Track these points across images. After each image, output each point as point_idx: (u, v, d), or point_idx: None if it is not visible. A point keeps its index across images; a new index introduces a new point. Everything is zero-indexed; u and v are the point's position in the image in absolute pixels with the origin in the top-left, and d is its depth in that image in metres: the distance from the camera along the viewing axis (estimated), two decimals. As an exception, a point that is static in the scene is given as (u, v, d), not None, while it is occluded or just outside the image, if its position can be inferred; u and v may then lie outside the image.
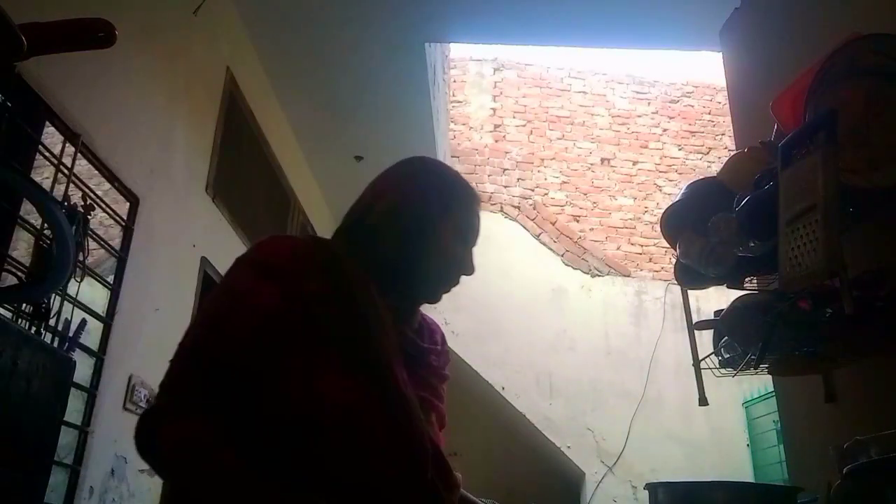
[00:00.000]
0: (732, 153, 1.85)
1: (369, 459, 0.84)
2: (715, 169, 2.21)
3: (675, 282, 1.90)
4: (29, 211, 1.75)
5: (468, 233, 1.05)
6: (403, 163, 1.10)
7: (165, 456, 0.82)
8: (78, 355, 1.94)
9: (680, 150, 7.19)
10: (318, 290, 0.89)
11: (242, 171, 3.52)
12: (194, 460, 0.80)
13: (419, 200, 1.03)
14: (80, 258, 1.90)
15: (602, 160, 7.10)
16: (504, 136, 6.92)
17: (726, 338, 1.63)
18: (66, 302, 1.89)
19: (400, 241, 0.99)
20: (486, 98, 7.15)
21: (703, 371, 1.82)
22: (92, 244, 2.06)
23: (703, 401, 1.84)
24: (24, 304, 1.74)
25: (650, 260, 6.63)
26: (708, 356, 1.78)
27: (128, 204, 2.34)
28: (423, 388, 0.98)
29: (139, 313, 2.38)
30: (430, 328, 1.10)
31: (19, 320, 1.71)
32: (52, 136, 1.93)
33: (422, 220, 1.01)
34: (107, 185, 2.22)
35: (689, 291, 1.99)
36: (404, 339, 0.98)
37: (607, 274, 6.47)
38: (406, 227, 1.00)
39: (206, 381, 0.84)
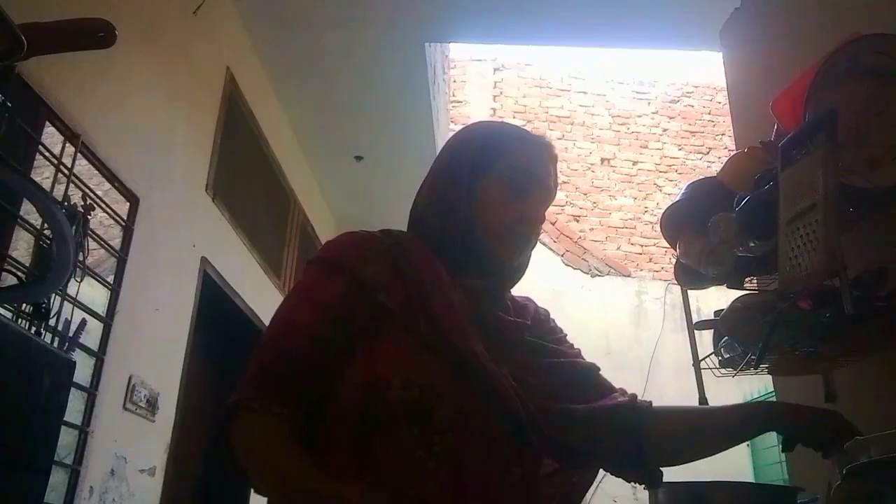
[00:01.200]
0: (732, 153, 1.85)
1: (455, 435, 0.82)
2: (715, 169, 2.21)
3: (675, 282, 1.89)
4: (29, 211, 1.75)
5: (519, 179, 0.98)
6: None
7: (237, 449, 0.83)
8: (78, 355, 1.94)
9: (680, 150, 7.20)
10: (377, 275, 0.89)
11: (242, 171, 3.52)
12: (259, 452, 0.82)
13: (452, 166, 1.00)
14: (80, 258, 1.90)
15: (602, 160, 7.10)
16: (504, 136, 6.92)
17: (726, 338, 1.63)
18: (66, 302, 1.89)
19: (441, 214, 0.97)
20: (486, 98, 7.15)
21: (703, 371, 1.82)
22: (92, 244, 2.06)
23: (703, 401, 1.84)
24: (24, 304, 1.74)
25: (650, 260, 6.63)
26: (708, 356, 1.78)
27: (128, 204, 2.34)
28: (520, 368, 0.93)
29: (139, 313, 2.38)
30: (522, 304, 1.05)
31: (19, 320, 1.71)
32: (52, 136, 1.93)
33: (455, 186, 0.97)
34: (107, 185, 2.22)
35: (689, 291, 1.99)
36: (485, 316, 0.93)
37: (607, 274, 6.47)
38: (440, 197, 0.98)
39: (276, 374, 0.85)
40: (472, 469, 0.82)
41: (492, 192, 0.97)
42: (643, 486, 1.02)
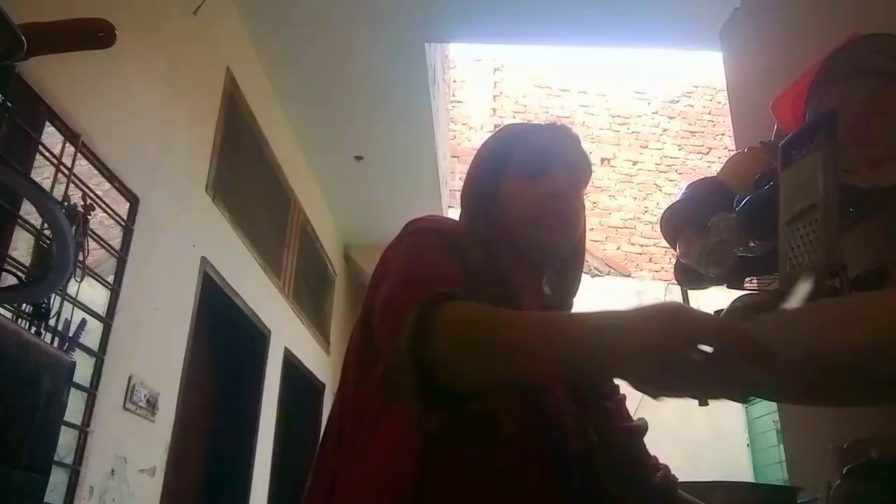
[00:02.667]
0: (732, 153, 1.85)
1: (520, 452, 0.77)
2: (715, 169, 2.21)
3: (675, 282, 1.89)
4: (29, 211, 1.75)
5: (534, 162, 0.97)
6: None
7: (452, 339, 0.69)
8: (78, 355, 1.94)
9: (680, 150, 7.20)
10: (476, 261, 0.85)
11: (242, 171, 3.53)
12: (490, 321, 0.69)
13: (477, 177, 1.02)
14: (80, 258, 1.90)
15: (602, 160, 7.10)
16: (504, 136, 6.93)
17: (726, 338, 1.63)
18: (66, 302, 1.89)
19: (477, 219, 0.98)
20: (486, 98, 7.15)
21: (703, 371, 1.82)
22: (92, 244, 2.06)
23: (703, 401, 1.84)
24: (24, 304, 1.74)
25: (650, 260, 6.64)
26: (708, 356, 1.78)
27: (128, 204, 2.34)
28: (586, 413, 0.89)
29: (139, 313, 2.38)
30: None
31: (19, 320, 1.71)
32: (52, 136, 1.93)
33: (482, 195, 0.99)
34: (107, 185, 2.22)
35: (689, 291, 1.99)
36: None
37: (607, 274, 6.47)
38: (475, 208, 1.00)
39: (435, 281, 0.77)
40: (536, 491, 0.78)
41: (512, 185, 0.97)
42: None
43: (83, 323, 2.01)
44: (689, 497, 1.01)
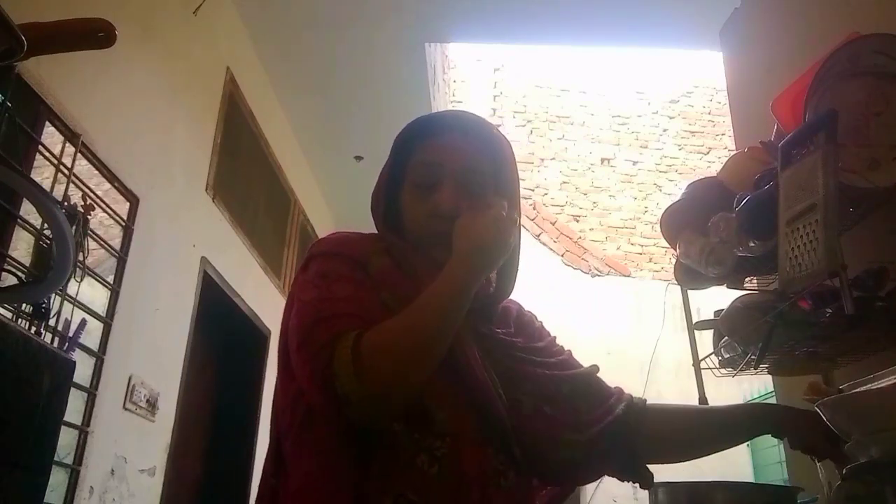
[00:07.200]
0: (732, 153, 1.85)
1: (454, 439, 0.81)
2: (715, 169, 2.21)
3: (675, 282, 1.89)
4: (29, 211, 1.75)
5: (425, 175, 0.95)
6: None
7: (368, 369, 0.76)
8: (78, 355, 1.94)
9: (680, 150, 7.20)
10: (381, 270, 0.89)
11: (242, 171, 3.53)
12: (389, 341, 0.79)
13: (380, 177, 1.01)
14: (80, 258, 1.90)
15: (602, 160, 7.10)
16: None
17: (726, 338, 1.63)
18: (66, 302, 1.89)
19: (384, 228, 0.99)
20: (486, 98, 7.15)
21: (703, 371, 1.82)
22: (92, 244, 2.06)
23: (703, 401, 1.84)
24: (24, 304, 1.74)
25: (650, 260, 6.63)
26: (708, 356, 1.78)
27: (128, 204, 2.34)
28: (511, 381, 0.91)
29: (139, 313, 2.38)
30: (504, 306, 1.04)
31: (19, 320, 1.71)
32: (52, 136, 1.93)
33: (384, 196, 0.99)
34: (107, 185, 2.22)
35: (689, 291, 1.99)
36: (475, 324, 0.92)
37: (607, 274, 6.47)
38: (374, 210, 1.01)
39: (331, 315, 0.83)
40: (472, 474, 0.81)
41: (406, 198, 0.97)
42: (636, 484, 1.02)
43: (83, 323, 2.01)
44: (665, 405, 1.03)
